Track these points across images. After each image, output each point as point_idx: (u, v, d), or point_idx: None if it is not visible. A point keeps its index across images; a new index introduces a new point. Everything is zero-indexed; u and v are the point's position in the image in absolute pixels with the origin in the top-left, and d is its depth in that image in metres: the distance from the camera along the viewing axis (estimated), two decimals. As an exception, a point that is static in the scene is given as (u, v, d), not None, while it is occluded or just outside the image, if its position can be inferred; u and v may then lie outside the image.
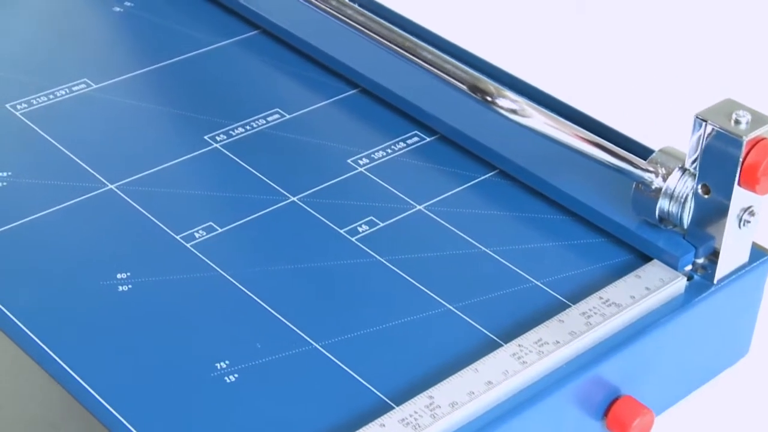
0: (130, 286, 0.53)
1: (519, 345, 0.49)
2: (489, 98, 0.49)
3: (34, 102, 0.63)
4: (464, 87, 0.51)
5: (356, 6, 0.64)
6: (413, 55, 0.55)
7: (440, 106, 0.62)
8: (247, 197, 0.58)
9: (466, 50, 0.64)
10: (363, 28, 0.60)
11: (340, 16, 0.62)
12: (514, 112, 0.49)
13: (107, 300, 0.52)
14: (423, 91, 0.63)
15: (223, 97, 0.65)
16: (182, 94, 0.65)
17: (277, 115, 0.64)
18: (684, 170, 0.54)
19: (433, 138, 0.62)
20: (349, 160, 0.61)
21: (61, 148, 0.60)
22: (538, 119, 0.49)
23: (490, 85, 0.50)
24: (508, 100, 0.49)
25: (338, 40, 0.67)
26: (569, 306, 0.52)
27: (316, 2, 0.63)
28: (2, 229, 0.55)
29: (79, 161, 0.59)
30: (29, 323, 0.51)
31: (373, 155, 0.61)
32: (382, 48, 0.59)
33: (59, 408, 0.48)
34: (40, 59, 0.67)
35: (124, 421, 0.46)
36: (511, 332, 0.51)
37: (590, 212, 0.56)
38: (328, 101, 0.65)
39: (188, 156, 0.60)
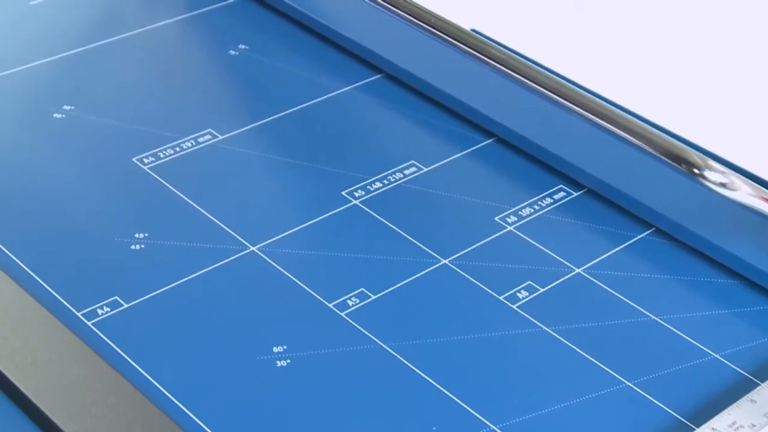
0: (288, 361, 0.50)
1: (713, 429, 0.46)
2: (696, 170, 0.47)
3: (161, 155, 0.61)
4: (666, 158, 0.48)
5: (499, 45, 0.61)
6: (582, 107, 0.52)
7: (587, 157, 0.60)
8: (397, 260, 0.55)
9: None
10: (511, 72, 0.57)
11: (481, 56, 0.59)
12: (723, 185, 0.46)
13: (266, 376, 0.49)
14: (567, 141, 0.61)
15: (354, 148, 0.62)
16: (311, 144, 0.62)
17: (413, 168, 0.61)
18: None
19: (580, 192, 0.60)
20: (496, 218, 0.58)
21: (195, 206, 0.58)
22: (747, 192, 0.47)
23: (696, 155, 0.47)
24: (716, 173, 0.46)
25: (469, 83, 0.64)
26: (756, 382, 0.49)
27: (451, 40, 0.60)
28: (146, 297, 0.52)
29: (215, 220, 0.57)
30: (182, 398, 0.48)
31: (520, 212, 0.58)
32: (521, 92, 0.57)
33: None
34: (162, 109, 0.64)
35: None
36: (698, 412, 0.48)
37: (766, 277, 0.53)
38: (465, 152, 0.62)
39: (328, 214, 0.58)
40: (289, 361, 0.50)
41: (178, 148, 0.61)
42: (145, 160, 0.60)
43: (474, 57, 0.63)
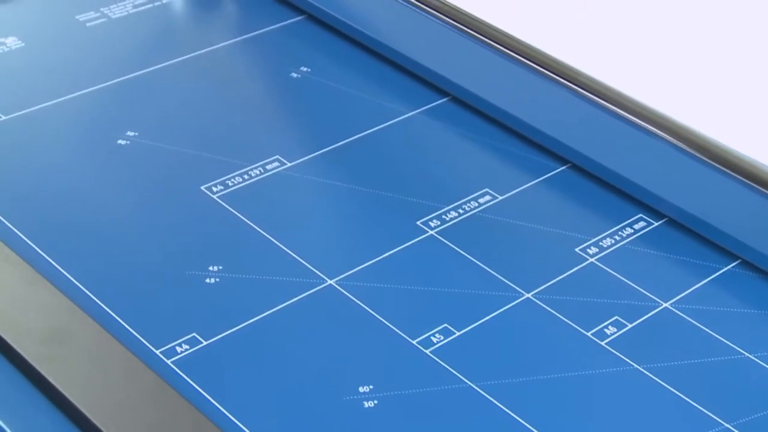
0: (375, 402, 0.48)
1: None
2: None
3: (230, 183, 0.59)
4: (754, 184, 0.46)
5: (574, 67, 0.60)
6: (663, 131, 0.51)
7: (668, 185, 0.58)
8: (479, 293, 0.54)
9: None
10: (587, 93, 0.56)
11: (554, 75, 0.57)
12: None
13: (355, 418, 0.48)
14: (646, 168, 0.59)
15: (425, 176, 0.61)
16: (380, 172, 0.61)
17: (488, 197, 0.59)
18: None
19: (661, 222, 0.58)
20: (577, 249, 0.56)
21: (268, 236, 0.56)
22: None
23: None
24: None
25: (541, 106, 0.63)
26: None
27: (522, 59, 0.59)
28: (224, 333, 0.51)
29: (290, 252, 0.55)
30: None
31: (601, 243, 0.57)
32: (596, 115, 0.56)
33: None
34: (227, 135, 0.63)
35: None
36: (802, 456, 0.47)
37: None
38: (539, 180, 0.61)
39: (405, 245, 0.56)
40: (376, 401, 0.48)
41: (246, 176, 0.60)
42: (214, 189, 0.59)
43: (546, 77, 0.61)
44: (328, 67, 0.68)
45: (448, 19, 0.68)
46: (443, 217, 0.58)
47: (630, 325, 0.52)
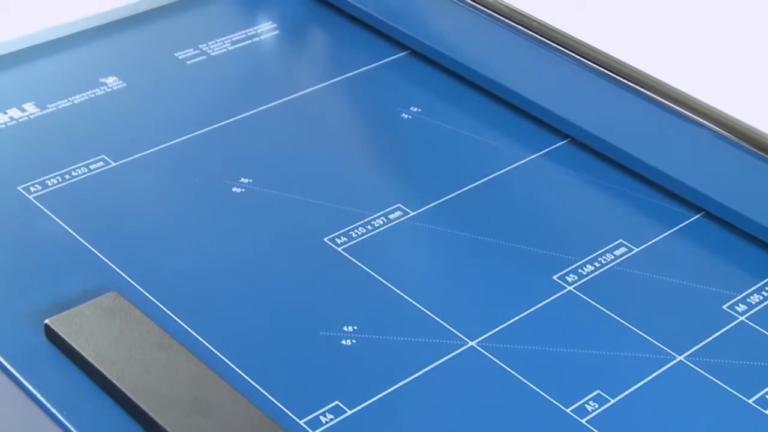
0: (537, 478, 0.46)
1: None
2: None
3: (353, 234, 0.57)
4: None
5: (714, 107, 0.57)
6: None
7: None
8: (628, 356, 0.51)
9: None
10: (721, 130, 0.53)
11: (685, 112, 0.55)
12: None
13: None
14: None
15: (553, 225, 0.58)
16: (506, 220, 0.58)
17: (623, 248, 0.57)
18: None
19: (809, 276, 0.56)
20: (724, 306, 0.54)
21: (400, 292, 0.54)
22: None
23: None
24: None
25: (670, 149, 0.60)
26: None
27: (650, 94, 0.56)
28: (369, 401, 0.48)
29: (424, 310, 0.53)
30: None
31: (748, 300, 0.54)
32: (734, 157, 0.53)
33: None
34: (343, 181, 0.60)
35: None
36: None
37: None
38: (674, 229, 0.58)
39: (544, 302, 0.54)
40: (538, 478, 0.46)
41: (369, 227, 0.57)
42: (338, 240, 0.56)
43: (681, 116, 0.59)
44: (438, 107, 0.66)
45: (565, 49, 0.65)
46: (579, 271, 0.55)
47: (793, 391, 0.50)
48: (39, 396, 0.48)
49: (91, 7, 0.70)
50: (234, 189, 0.59)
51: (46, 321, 0.50)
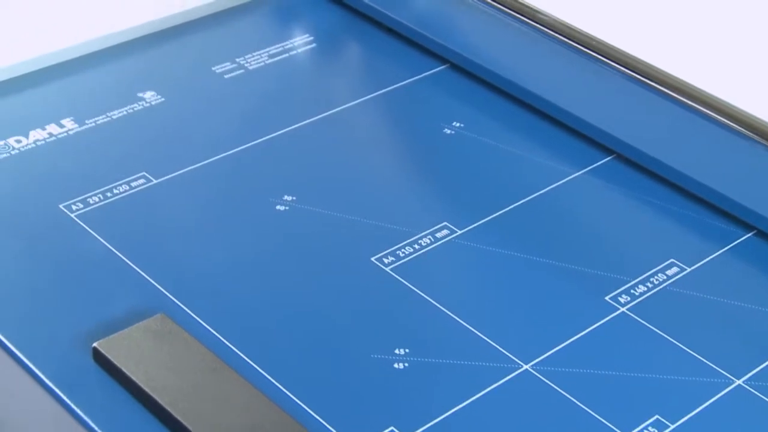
0: (599, 506, 0.45)
1: None
2: None
3: (401, 254, 0.56)
4: None
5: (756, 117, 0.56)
6: None
7: None
8: (686, 380, 0.50)
9: None
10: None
11: (747, 132, 0.54)
12: None
13: None
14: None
15: (602, 244, 0.58)
16: (555, 239, 0.57)
17: (675, 268, 0.56)
18: None
19: None
20: (782, 329, 0.53)
21: (450, 313, 0.53)
22: None
23: None
24: None
25: (723, 165, 0.59)
26: None
27: (701, 109, 0.55)
28: (426, 426, 0.47)
29: (476, 331, 0.52)
30: None
31: (806, 321, 0.53)
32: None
33: None
34: (388, 198, 0.59)
35: None
36: None
37: None
38: (726, 248, 0.57)
39: (597, 324, 0.53)
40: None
41: (416, 246, 0.56)
42: (385, 260, 0.55)
43: (732, 131, 0.58)
44: (481, 121, 0.65)
45: (610, 61, 0.64)
46: (632, 291, 0.55)
47: None
48: (88, 420, 0.47)
49: (125, 20, 0.69)
50: (278, 207, 0.58)
51: (95, 344, 0.49)
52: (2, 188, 0.58)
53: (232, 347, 0.50)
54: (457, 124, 0.65)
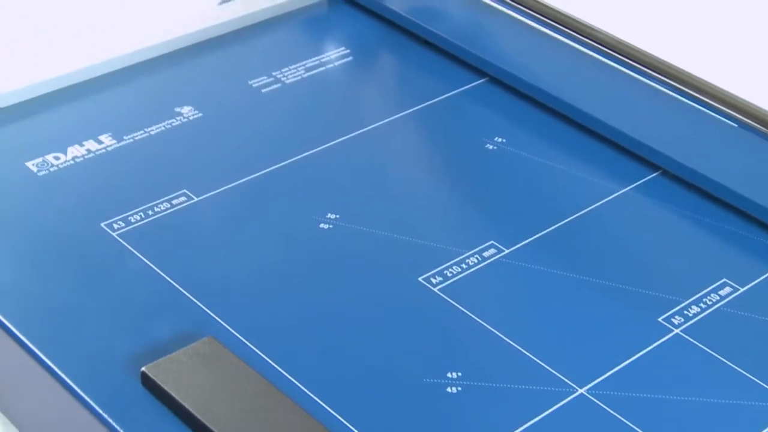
0: None
1: None
2: None
3: (448, 274, 0.55)
4: None
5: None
6: None
7: None
8: (743, 404, 0.49)
9: None
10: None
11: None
12: None
13: None
14: None
15: (653, 263, 0.56)
16: (604, 258, 0.56)
17: (728, 288, 0.55)
18: None
19: None
20: (839, 351, 0.52)
21: (502, 335, 0.52)
22: None
23: None
24: None
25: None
26: None
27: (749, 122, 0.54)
28: (481, 453, 0.47)
29: (529, 354, 0.51)
30: None
31: None
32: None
33: None
34: (433, 216, 0.58)
35: None
36: None
37: None
38: (778, 268, 0.56)
39: (651, 346, 0.52)
40: None
41: (464, 265, 0.55)
42: (433, 280, 0.54)
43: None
44: (523, 137, 0.64)
45: (656, 74, 0.63)
46: (685, 312, 0.54)
47: None
48: (137, 446, 0.46)
49: (158, 35, 0.68)
50: (321, 225, 0.57)
51: (143, 369, 0.48)
52: (44, 207, 0.57)
53: (282, 371, 0.49)
54: (499, 140, 0.64)
